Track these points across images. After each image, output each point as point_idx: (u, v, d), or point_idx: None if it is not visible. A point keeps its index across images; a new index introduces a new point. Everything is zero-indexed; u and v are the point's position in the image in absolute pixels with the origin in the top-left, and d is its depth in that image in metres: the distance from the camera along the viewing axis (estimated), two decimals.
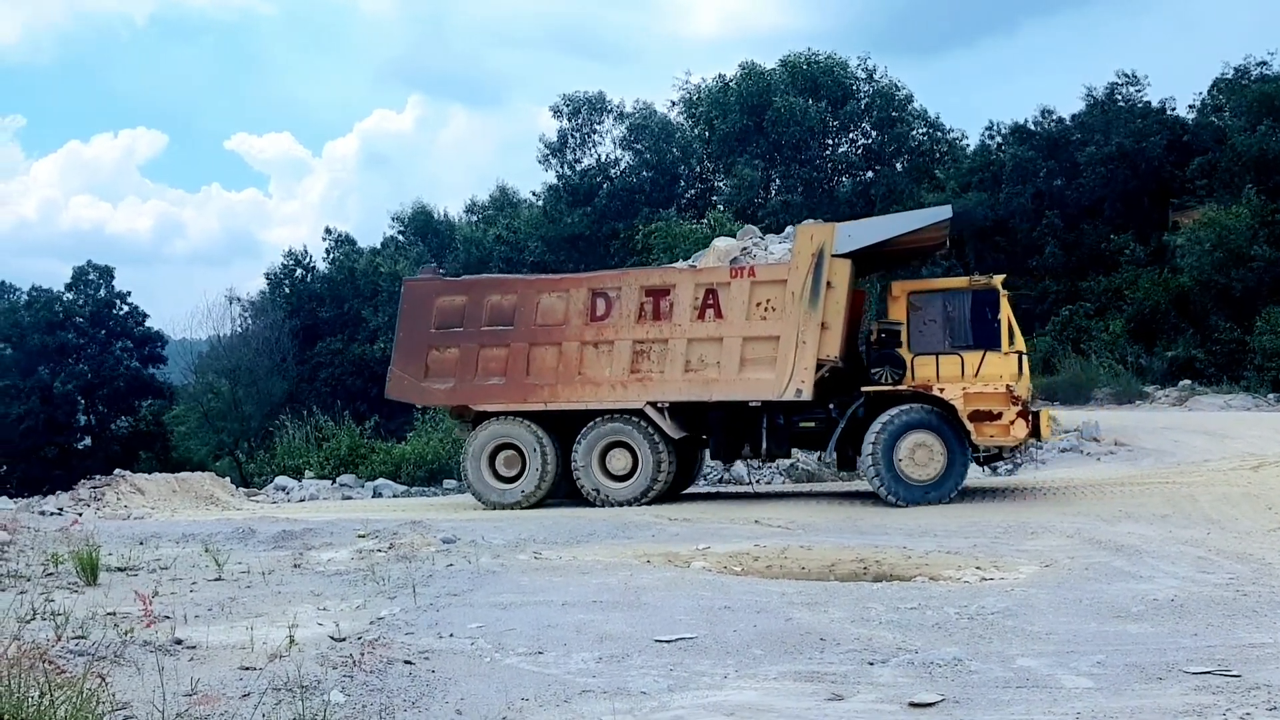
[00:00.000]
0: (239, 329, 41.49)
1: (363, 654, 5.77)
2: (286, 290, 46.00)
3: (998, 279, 14.58)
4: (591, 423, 14.96)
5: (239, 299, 43.28)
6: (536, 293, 15.46)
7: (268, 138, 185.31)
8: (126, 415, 47.08)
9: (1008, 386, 13.69)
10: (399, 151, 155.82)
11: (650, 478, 14.71)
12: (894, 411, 13.99)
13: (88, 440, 46.73)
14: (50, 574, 8.78)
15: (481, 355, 15.41)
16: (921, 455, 13.81)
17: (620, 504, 14.60)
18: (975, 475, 18.85)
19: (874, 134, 35.11)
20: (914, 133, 34.84)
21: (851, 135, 35.75)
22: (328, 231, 51.08)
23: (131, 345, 47.88)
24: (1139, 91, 43.38)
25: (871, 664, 5.83)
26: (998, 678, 5.51)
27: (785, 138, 33.10)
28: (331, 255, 49.98)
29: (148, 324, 48.57)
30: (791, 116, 32.47)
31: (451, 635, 6.50)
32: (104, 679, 4.63)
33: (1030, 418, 13.78)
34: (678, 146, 37.82)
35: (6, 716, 3.82)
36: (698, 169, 38.82)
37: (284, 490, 20.89)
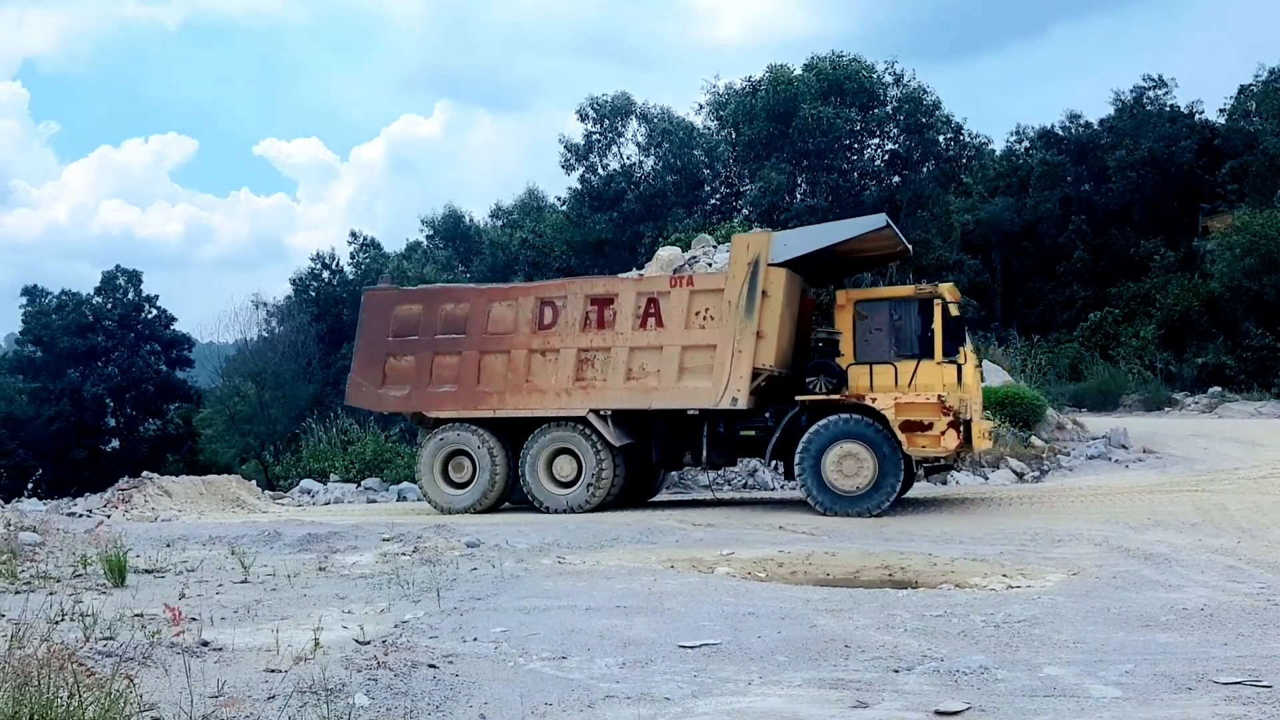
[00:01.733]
0: (265, 333, 41.73)
1: (387, 657, 5.78)
2: (312, 294, 46.20)
3: (944, 288, 14.55)
4: (538, 429, 15.18)
5: (265, 303, 43.52)
6: (487, 302, 15.79)
7: (296, 143, 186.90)
8: (154, 418, 47.47)
9: (939, 396, 13.56)
10: (425, 157, 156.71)
11: (593, 485, 14.85)
12: (824, 421, 13.97)
13: (116, 443, 47.12)
14: (79, 575, 8.87)
15: (435, 363, 15.76)
16: (849, 465, 13.73)
17: (562, 511, 14.74)
18: (997, 484, 18.72)
19: (901, 139, 34.95)
20: (941, 138, 34.63)
21: (878, 140, 35.62)
22: (353, 235, 51.35)
23: (160, 348, 48.27)
24: (1167, 95, 43.00)
25: (896, 672, 5.80)
26: (1024, 686, 5.46)
27: (812, 144, 32.99)
28: (357, 259, 50.22)
29: (175, 327, 48.98)
30: (819, 125, 32.36)
31: (475, 639, 6.51)
32: (132, 680, 4.66)
33: (962, 428, 13.60)
34: (703, 150, 37.77)
35: (36, 716, 3.85)
36: (723, 173, 38.77)
37: (309, 493, 21.01)
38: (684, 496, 17.72)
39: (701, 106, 38.62)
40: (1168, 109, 42.92)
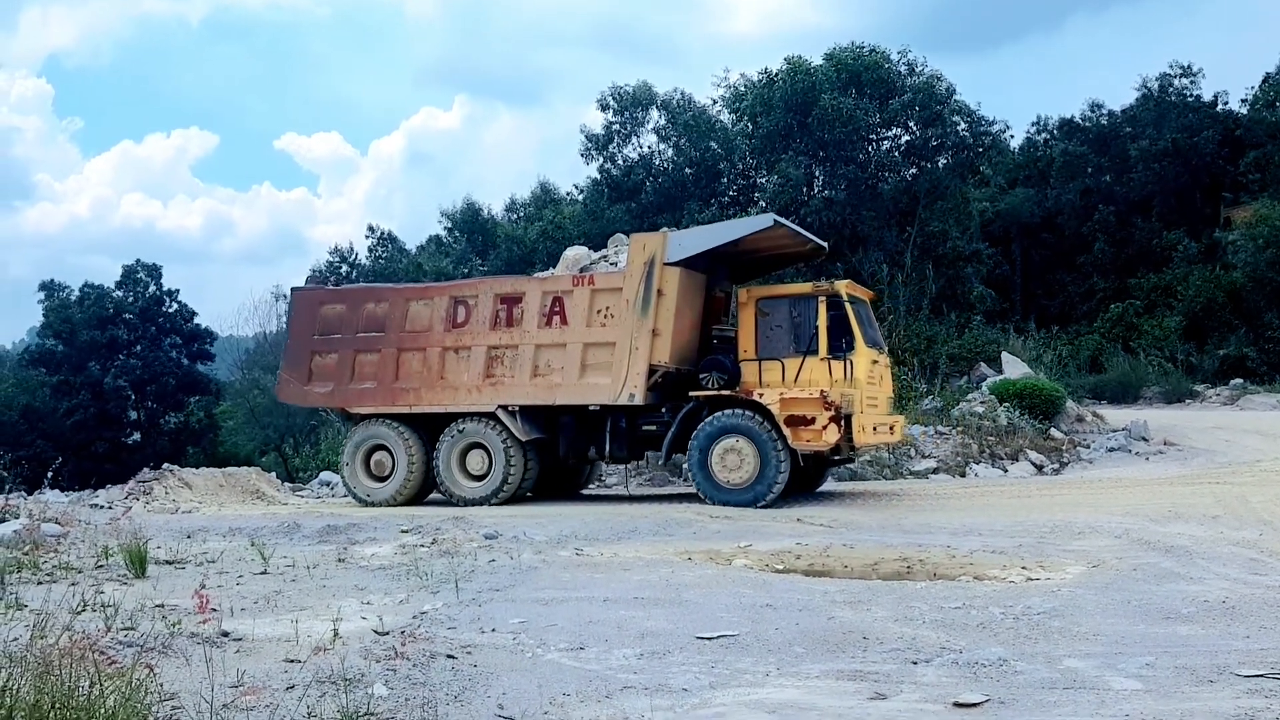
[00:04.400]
0: (285, 325, 41.92)
1: (405, 648, 5.80)
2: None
3: (841, 284, 14.72)
4: (452, 425, 15.57)
5: (285, 296, 43.73)
6: (405, 301, 16.24)
7: (317, 137, 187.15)
8: (175, 411, 47.75)
9: (822, 392, 13.78)
10: (443, 150, 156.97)
11: (502, 478, 15.23)
12: (711, 416, 14.29)
13: (137, 435, 47.42)
14: (101, 566, 8.94)
15: (357, 360, 16.22)
16: (731, 459, 14.05)
17: (473, 503, 15.09)
18: (1016, 476, 18.65)
19: (918, 130, 34.78)
20: (958, 128, 34.45)
21: (895, 131, 35.45)
22: (371, 230, 51.54)
23: (180, 342, 48.53)
24: (1193, 84, 42.65)
25: (915, 663, 5.78)
26: (1044, 679, 5.44)
27: (830, 136, 32.84)
28: (376, 253, 50.41)
29: (196, 321, 49.24)
30: (838, 116, 32.21)
31: (493, 630, 6.52)
32: (152, 669, 4.69)
33: (842, 423, 13.76)
34: (719, 142, 37.67)
35: (58, 705, 3.88)
36: (740, 165, 38.65)
37: (328, 485, 21.07)
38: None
39: (714, 101, 38.53)
40: (1191, 99, 42.59)
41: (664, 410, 14.79)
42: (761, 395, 14.11)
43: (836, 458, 15.39)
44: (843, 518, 12.35)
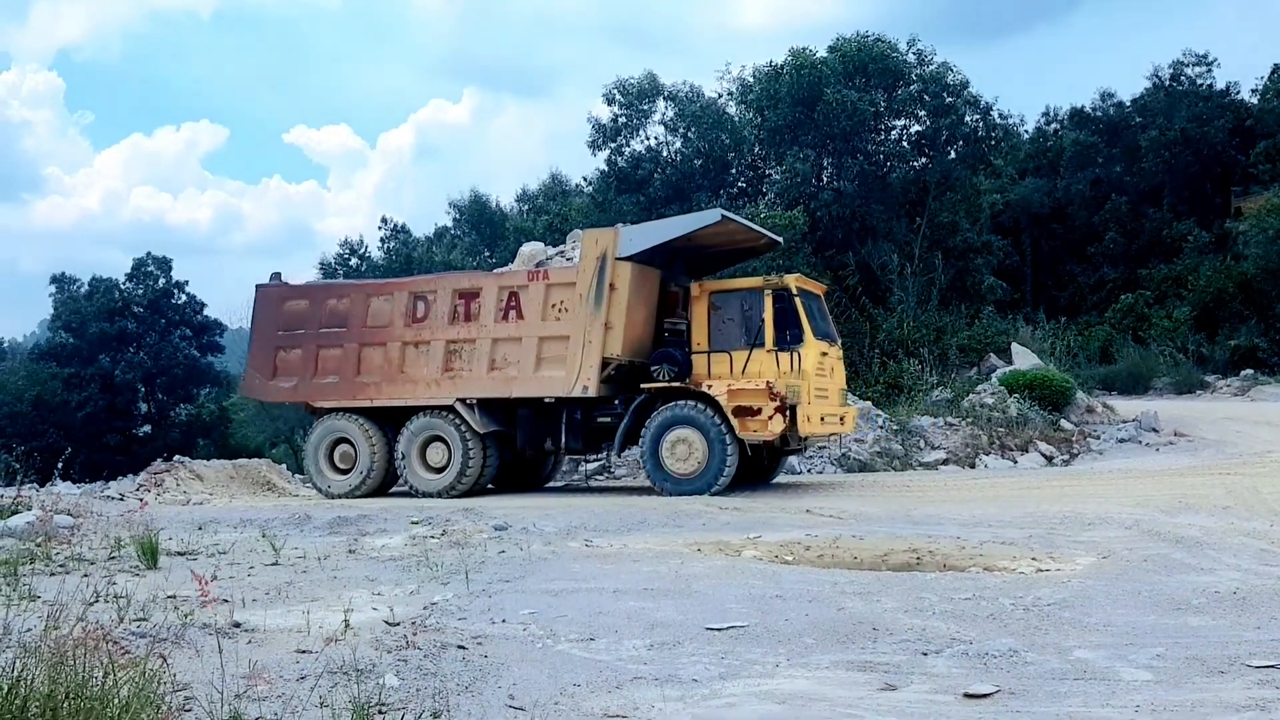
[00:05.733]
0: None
1: (416, 638, 5.82)
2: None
3: (790, 278, 14.99)
4: (412, 418, 15.85)
5: None
6: (366, 296, 16.56)
7: (326, 130, 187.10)
8: (186, 403, 47.94)
9: (768, 383, 14.15)
10: (451, 143, 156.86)
11: (460, 470, 15.48)
12: (661, 408, 14.68)
13: (148, 428, 47.61)
14: (113, 558, 8.97)
15: (320, 355, 16.54)
16: (681, 450, 14.47)
17: (432, 494, 15.38)
18: (1026, 468, 18.62)
19: (927, 120, 34.63)
20: (967, 119, 34.31)
21: (904, 122, 35.31)
22: (383, 221, 51.61)
23: (190, 334, 48.70)
24: (1206, 73, 42.42)
25: (925, 654, 5.78)
26: (1054, 669, 5.44)
27: (837, 128, 32.74)
28: (387, 245, 50.46)
29: (206, 313, 49.37)
30: (843, 108, 32.11)
31: (504, 621, 6.54)
32: (165, 660, 4.71)
33: (787, 413, 14.11)
34: (727, 134, 37.56)
35: (72, 695, 3.91)
36: (749, 156, 38.53)
37: None
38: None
39: (719, 95, 38.41)
40: (1202, 88, 42.38)
41: (617, 402, 15.13)
42: (710, 387, 14.49)
43: (788, 448, 15.78)
44: (852, 509, 12.35)
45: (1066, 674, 5.35)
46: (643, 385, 14.88)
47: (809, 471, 18.46)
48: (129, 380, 46.16)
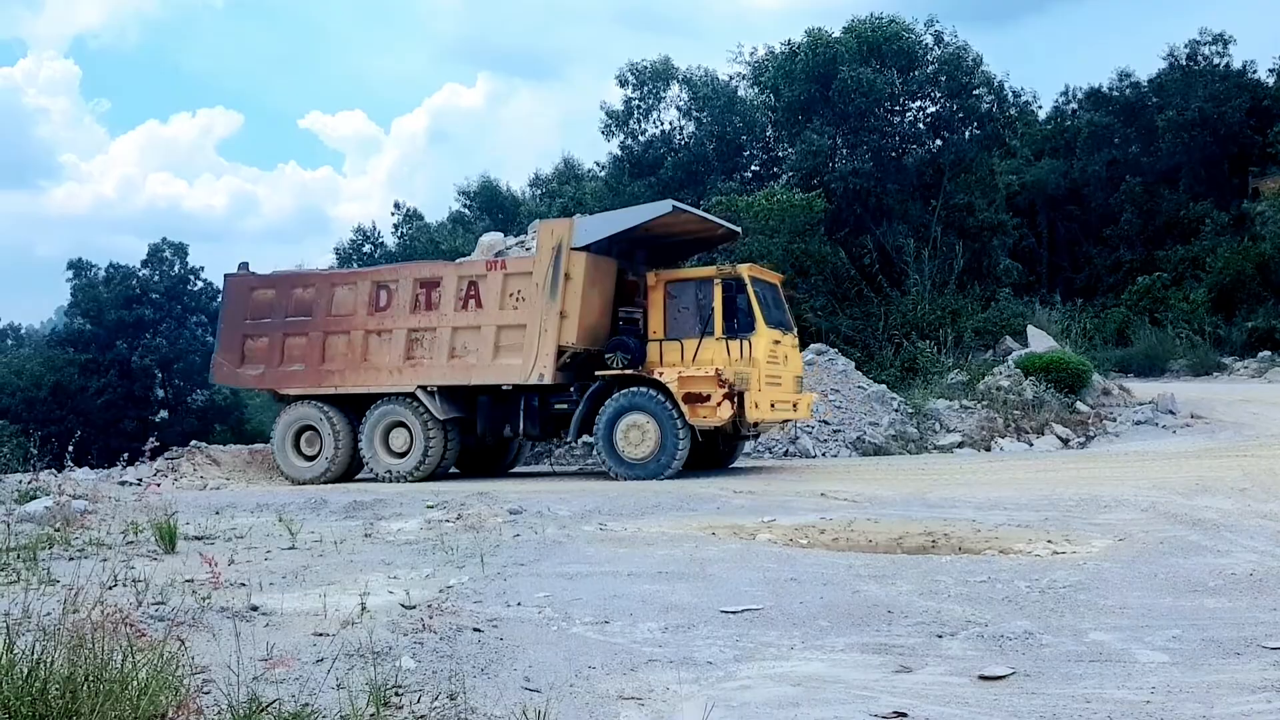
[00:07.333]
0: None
1: (432, 621, 5.85)
2: (356, 265, 46.57)
3: (743, 268, 15.35)
4: (375, 404, 16.18)
5: None
6: (331, 286, 16.93)
7: (341, 116, 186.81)
8: (202, 389, 48.14)
9: (717, 370, 14.50)
10: (465, 128, 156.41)
11: (422, 455, 15.85)
12: (615, 395, 15.01)
13: (165, 413, 47.86)
14: (130, 542, 9.03)
15: (286, 343, 16.88)
16: (634, 435, 14.84)
17: (395, 479, 15.75)
18: (1042, 450, 18.56)
19: (942, 101, 34.38)
20: (983, 100, 34.06)
21: (919, 103, 35.07)
22: (396, 206, 51.62)
23: (206, 320, 48.85)
24: (1223, 52, 42.03)
25: (940, 637, 5.78)
26: (1069, 651, 5.43)
27: (852, 107, 32.56)
28: (400, 231, 50.49)
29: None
30: (858, 87, 31.91)
31: (519, 604, 6.56)
32: (183, 642, 4.75)
33: (735, 399, 14.46)
34: (741, 116, 37.40)
35: (91, 677, 3.94)
36: (762, 138, 38.36)
37: None
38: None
39: (730, 78, 38.23)
40: (1219, 68, 42.01)
41: (573, 389, 15.44)
42: (662, 374, 14.79)
43: (744, 433, 16.04)
44: (866, 492, 12.34)
45: (1082, 656, 5.34)
46: (596, 373, 15.20)
47: (824, 455, 18.45)
48: (146, 366, 46.39)
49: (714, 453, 16.24)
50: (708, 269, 16.05)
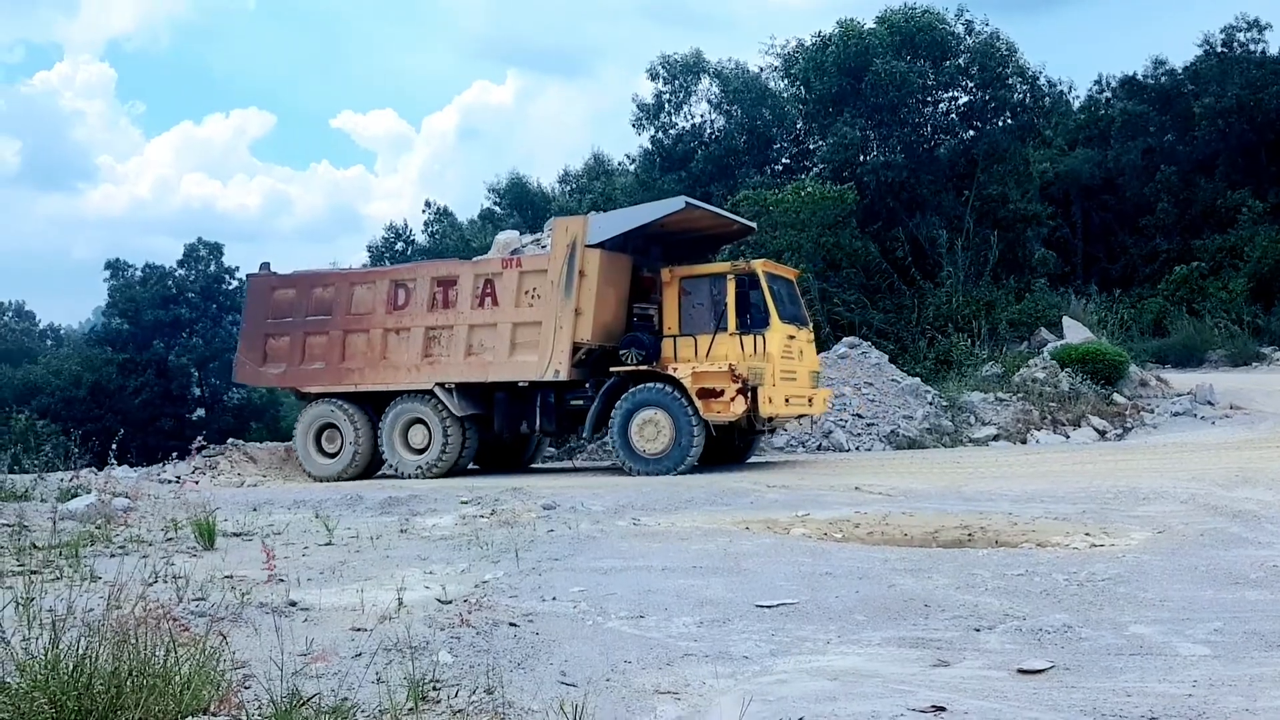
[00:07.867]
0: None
1: (469, 616, 5.88)
2: (388, 263, 46.81)
3: (757, 263, 15.30)
4: (394, 402, 16.37)
5: None
6: (350, 285, 17.12)
7: (372, 115, 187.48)
8: (238, 387, 48.57)
9: (730, 366, 14.54)
10: (495, 125, 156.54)
11: (440, 451, 16.04)
12: (630, 391, 15.08)
13: (201, 411, 48.36)
14: (170, 539, 9.13)
15: (307, 342, 17.10)
16: (649, 430, 14.90)
17: (413, 475, 15.93)
18: (1079, 443, 18.39)
19: (975, 92, 34.09)
20: (1016, 90, 33.72)
21: (951, 94, 34.79)
22: (427, 204, 51.83)
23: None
24: (1259, 37, 41.39)
25: (978, 630, 5.74)
26: (1109, 645, 5.38)
27: (884, 100, 32.36)
28: (431, 228, 50.70)
29: None
30: (891, 79, 31.71)
31: (554, 599, 6.58)
32: (224, 638, 4.80)
33: (749, 394, 14.50)
34: (771, 109, 37.27)
35: (135, 672, 3.99)
36: (793, 131, 38.23)
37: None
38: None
39: (761, 71, 38.08)
40: (1256, 54, 41.38)
41: (588, 386, 15.51)
42: (676, 370, 14.87)
43: (758, 429, 16.07)
44: (901, 486, 12.27)
45: (1122, 649, 5.29)
46: (611, 369, 15.28)
47: (857, 449, 18.38)
48: (182, 365, 46.90)
49: (730, 448, 16.30)
50: (721, 265, 16.10)
